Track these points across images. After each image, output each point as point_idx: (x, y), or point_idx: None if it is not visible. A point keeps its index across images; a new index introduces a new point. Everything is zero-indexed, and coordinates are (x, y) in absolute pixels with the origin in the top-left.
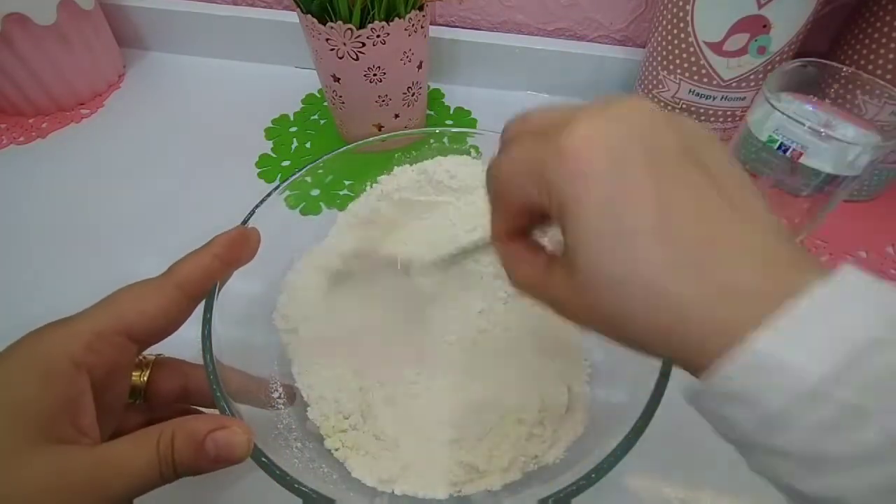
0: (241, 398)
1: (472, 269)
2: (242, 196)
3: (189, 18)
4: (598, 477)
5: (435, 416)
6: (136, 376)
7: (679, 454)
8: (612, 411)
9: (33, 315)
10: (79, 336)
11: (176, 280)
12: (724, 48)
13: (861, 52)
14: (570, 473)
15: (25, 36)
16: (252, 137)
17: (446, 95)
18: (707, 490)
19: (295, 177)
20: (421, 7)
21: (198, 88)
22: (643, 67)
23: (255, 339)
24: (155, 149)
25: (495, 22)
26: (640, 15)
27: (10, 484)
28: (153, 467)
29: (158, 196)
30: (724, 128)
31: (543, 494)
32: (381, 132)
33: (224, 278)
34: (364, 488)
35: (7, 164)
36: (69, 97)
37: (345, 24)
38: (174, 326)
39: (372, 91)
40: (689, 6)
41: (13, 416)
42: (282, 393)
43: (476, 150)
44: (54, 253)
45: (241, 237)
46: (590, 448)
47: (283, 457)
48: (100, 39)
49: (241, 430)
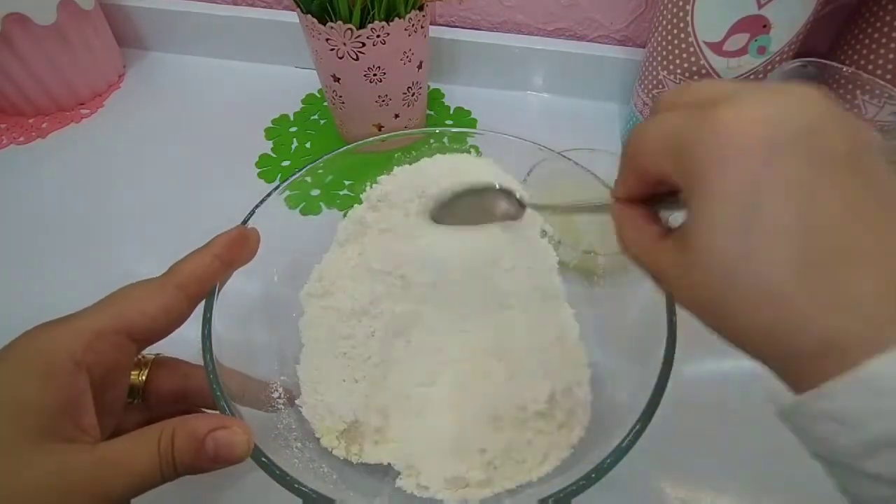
0: (240, 400)
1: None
2: (242, 196)
3: (189, 18)
4: (598, 477)
5: (437, 416)
6: (134, 375)
7: (679, 454)
8: (613, 411)
9: (33, 315)
10: (79, 335)
11: (177, 280)
12: (724, 48)
13: (861, 52)
14: (570, 473)
15: (25, 36)
16: (252, 137)
17: (446, 95)
18: (707, 490)
19: (295, 177)
20: (421, 7)
21: (198, 88)
22: (643, 67)
23: (255, 339)
24: (155, 149)
25: (495, 22)
26: (640, 15)
27: (11, 483)
28: (154, 466)
29: (158, 196)
30: None
31: (543, 494)
32: (381, 132)
33: (224, 278)
34: (364, 488)
35: (7, 164)
36: (69, 97)
37: (345, 24)
38: (174, 326)
39: (372, 91)
40: (689, 6)
41: (14, 415)
42: (282, 393)
43: (476, 150)
44: (54, 252)
45: (241, 237)
46: (590, 448)
47: (283, 457)
48: (100, 39)
49: (241, 430)
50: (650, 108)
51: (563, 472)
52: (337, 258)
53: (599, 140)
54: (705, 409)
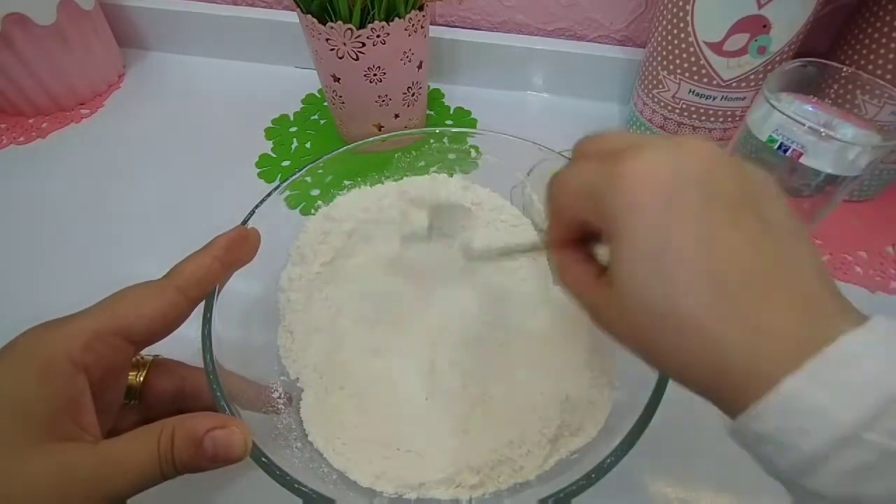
0: (239, 401)
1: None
2: (242, 196)
3: (189, 18)
4: (598, 477)
5: (439, 417)
6: (132, 376)
7: (679, 454)
8: (613, 411)
9: (33, 315)
10: (77, 335)
11: (177, 283)
12: (724, 48)
13: (861, 52)
14: (570, 473)
15: (25, 36)
16: (252, 137)
17: (446, 95)
18: (707, 490)
19: (295, 177)
20: (421, 7)
21: (198, 88)
22: (643, 67)
23: (255, 339)
24: (155, 149)
25: (495, 22)
26: (640, 15)
27: (12, 482)
28: (154, 464)
29: (158, 196)
30: (724, 128)
31: (543, 494)
32: (381, 132)
33: (225, 279)
34: (363, 488)
35: (7, 164)
36: (69, 97)
37: (345, 24)
38: (172, 328)
39: (372, 91)
40: (689, 6)
41: (14, 415)
42: (282, 393)
43: (476, 150)
44: (54, 252)
45: (241, 238)
46: (590, 448)
47: (283, 457)
48: (100, 39)
49: (240, 430)
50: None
51: (563, 473)
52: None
53: None
54: (706, 409)
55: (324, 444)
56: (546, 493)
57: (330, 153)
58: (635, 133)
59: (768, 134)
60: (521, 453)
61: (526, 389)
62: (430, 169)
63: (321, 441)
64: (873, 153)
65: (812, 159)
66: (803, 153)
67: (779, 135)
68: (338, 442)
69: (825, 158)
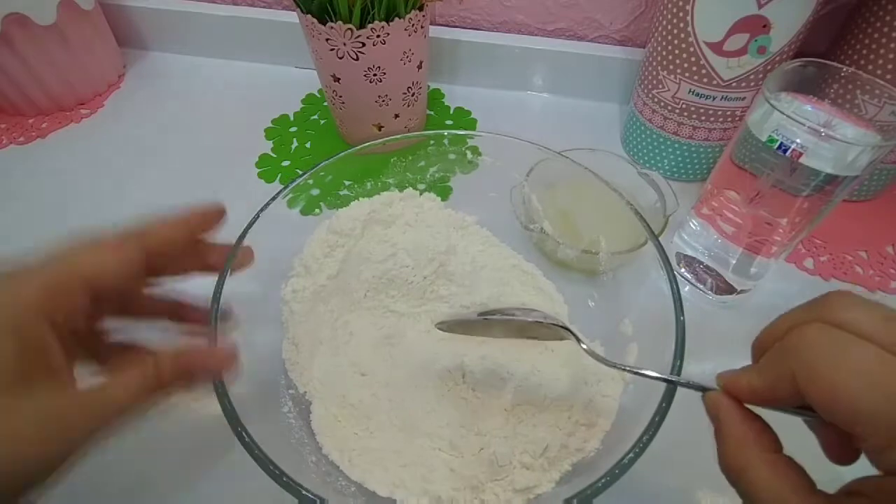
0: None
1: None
2: (242, 196)
3: (189, 18)
4: (621, 473)
5: (451, 425)
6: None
7: (679, 453)
8: (625, 409)
9: None
10: (39, 284)
11: (140, 241)
12: (724, 48)
13: (861, 52)
14: (588, 474)
15: (25, 36)
16: (252, 137)
17: (446, 95)
18: (707, 490)
19: (298, 181)
20: (421, 7)
21: (198, 88)
22: (643, 67)
23: (254, 339)
24: (155, 149)
25: (495, 22)
26: (640, 15)
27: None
28: (139, 382)
29: (158, 196)
30: (723, 128)
31: (568, 494)
32: (380, 132)
33: (232, 267)
34: (383, 498)
35: (7, 164)
36: (69, 97)
37: (345, 24)
38: (130, 284)
39: (372, 91)
40: (689, 6)
41: None
42: (291, 407)
43: (475, 151)
44: None
45: (218, 212)
46: (605, 447)
47: (303, 473)
48: (100, 39)
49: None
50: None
51: (581, 474)
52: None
53: (599, 140)
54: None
55: (339, 457)
56: (571, 493)
57: (331, 158)
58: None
59: (768, 134)
60: (538, 456)
61: (538, 392)
62: (430, 169)
63: (336, 454)
64: (873, 153)
65: (812, 159)
66: (803, 153)
67: (779, 135)
68: (353, 453)
69: (825, 158)
